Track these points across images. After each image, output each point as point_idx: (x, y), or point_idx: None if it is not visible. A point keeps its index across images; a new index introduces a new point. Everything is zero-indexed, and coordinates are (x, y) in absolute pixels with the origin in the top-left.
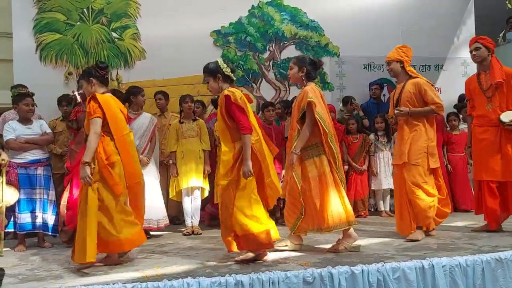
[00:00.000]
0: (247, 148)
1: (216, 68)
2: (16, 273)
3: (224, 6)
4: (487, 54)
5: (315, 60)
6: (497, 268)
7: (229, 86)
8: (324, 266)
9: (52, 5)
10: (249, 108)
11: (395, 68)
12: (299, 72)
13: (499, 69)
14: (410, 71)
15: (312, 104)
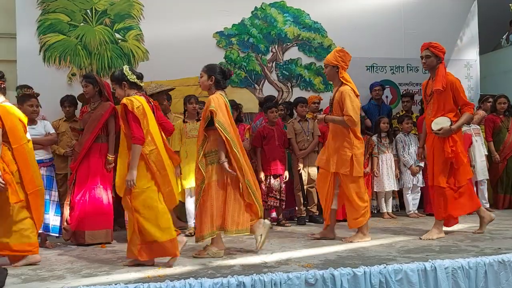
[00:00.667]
0: (134, 158)
1: (121, 75)
2: (19, 273)
3: (227, 7)
4: (436, 62)
5: (224, 69)
6: (500, 270)
7: (137, 93)
8: (326, 267)
9: (56, 6)
10: (151, 116)
11: (330, 73)
12: (208, 80)
13: (442, 77)
14: (343, 77)
15: (213, 113)
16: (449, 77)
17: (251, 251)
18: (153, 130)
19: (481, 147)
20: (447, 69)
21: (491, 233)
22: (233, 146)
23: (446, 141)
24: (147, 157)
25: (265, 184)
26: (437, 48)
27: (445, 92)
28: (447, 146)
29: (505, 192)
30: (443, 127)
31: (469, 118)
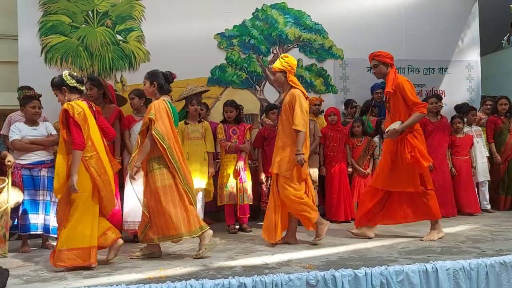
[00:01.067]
0: (75, 163)
1: (61, 81)
2: (20, 274)
3: (228, 9)
4: (386, 68)
5: (166, 73)
6: (502, 271)
7: (78, 97)
8: (327, 268)
9: (58, 7)
10: (92, 122)
11: (279, 79)
12: (151, 86)
13: (392, 80)
14: (292, 81)
15: (151, 121)
16: (398, 79)
17: (253, 252)
18: (94, 135)
19: (483, 149)
20: (448, 70)
21: (492, 234)
22: (169, 154)
23: (404, 147)
24: (87, 162)
25: (266, 185)
26: (382, 55)
27: (395, 95)
28: (405, 152)
29: (506, 193)
30: (389, 129)
31: (419, 117)
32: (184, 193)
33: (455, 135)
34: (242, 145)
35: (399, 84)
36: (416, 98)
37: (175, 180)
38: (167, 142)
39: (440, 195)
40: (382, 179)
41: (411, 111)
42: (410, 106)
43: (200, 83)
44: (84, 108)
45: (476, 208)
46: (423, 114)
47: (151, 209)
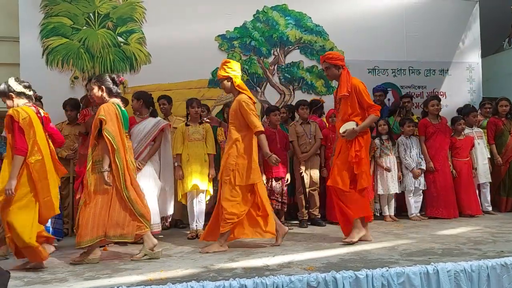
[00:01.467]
0: (14, 168)
1: (7, 88)
2: (21, 276)
3: (229, 11)
4: (337, 70)
5: (113, 76)
6: (503, 273)
7: (26, 103)
8: (328, 270)
9: (59, 10)
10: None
11: (226, 86)
12: (99, 90)
13: (346, 82)
14: (238, 86)
15: (102, 122)
16: (353, 81)
17: (253, 254)
18: (40, 141)
19: (484, 150)
20: (449, 72)
21: (493, 236)
22: (116, 156)
23: (352, 145)
24: (32, 167)
25: (267, 187)
26: (332, 58)
27: (350, 97)
28: (352, 150)
29: (507, 195)
30: (347, 129)
31: (374, 119)
32: (123, 197)
33: (456, 137)
34: None
35: (355, 86)
36: (370, 100)
37: (115, 184)
38: (117, 143)
39: (441, 196)
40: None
41: (367, 113)
42: (365, 108)
43: (201, 84)
44: (30, 114)
45: (477, 209)
46: (377, 116)
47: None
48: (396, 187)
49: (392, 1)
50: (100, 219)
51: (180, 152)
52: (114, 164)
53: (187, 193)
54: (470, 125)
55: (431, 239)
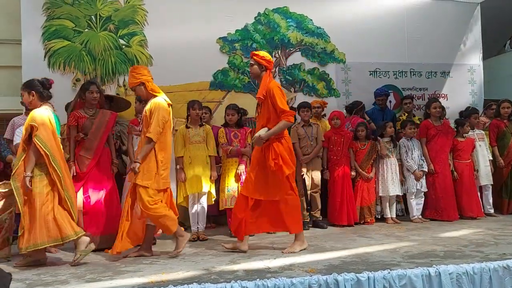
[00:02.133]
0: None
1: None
2: (23, 278)
3: (231, 13)
4: (260, 70)
5: (43, 80)
6: (505, 276)
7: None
8: (330, 273)
9: (61, 12)
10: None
11: (140, 92)
12: (30, 96)
13: (264, 85)
14: (152, 90)
15: (33, 128)
16: (269, 84)
17: (255, 256)
18: None
19: (485, 152)
20: (450, 74)
21: (495, 238)
22: (51, 160)
23: (269, 155)
24: None
25: None
26: (259, 55)
27: (266, 101)
28: (269, 159)
29: (509, 197)
30: (255, 136)
31: (285, 126)
32: (63, 201)
33: (457, 139)
34: (244, 149)
35: (270, 89)
36: (284, 105)
37: (55, 187)
38: (49, 149)
39: (441, 199)
40: (251, 187)
41: (280, 118)
42: (278, 113)
43: (202, 87)
44: None
45: (479, 212)
46: (290, 123)
47: (26, 215)
48: (396, 189)
49: (393, 3)
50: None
51: (181, 155)
52: (52, 169)
53: (188, 195)
54: (472, 127)
55: (433, 241)
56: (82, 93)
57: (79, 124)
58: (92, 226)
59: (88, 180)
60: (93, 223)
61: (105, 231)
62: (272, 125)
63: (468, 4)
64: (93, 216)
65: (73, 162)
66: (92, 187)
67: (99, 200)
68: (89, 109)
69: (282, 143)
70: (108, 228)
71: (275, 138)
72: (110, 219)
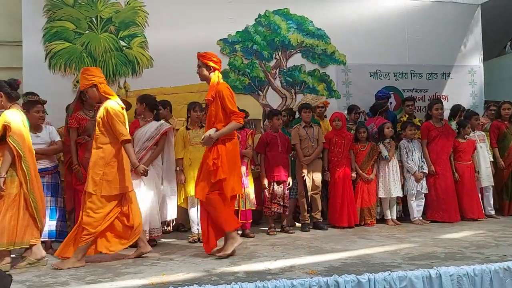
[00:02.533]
0: None
1: None
2: (23, 280)
3: (231, 15)
4: (207, 71)
5: (10, 81)
6: (506, 277)
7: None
8: (330, 274)
9: (62, 14)
10: None
11: (92, 95)
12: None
13: (212, 86)
14: (104, 92)
15: (7, 129)
16: (219, 86)
17: (255, 257)
18: None
19: (486, 154)
20: (450, 75)
21: (496, 240)
22: (22, 162)
23: (211, 153)
24: None
25: (269, 190)
26: (205, 56)
27: (215, 102)
28: (210, 158)
29: (510, 198)
30: (204, 136)
31: (234, 127)
32: (28, 204)
33: (458, 140)
34: (244, 150)
35: (219, 90)
36: (234, 106)
37: (21, 189)
38: (22, 149)
39: (442, 200)
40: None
41: (230, 119)
42: (228, 114)
43: (202, 88)
44: None
45: (480, 213)
46: (240, 124)
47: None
48: (398, 190)
49: (393, 5)
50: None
51: (181, 157)
52: (21, 170)
53: (188, 197)
54: (472, 129)
55: (433, 243)
56: (82, 94)
57: (80, 126)
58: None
59: None
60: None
61: None
62: (221, 127)
63: (469, 6)
64: None
65: (78, 165)
66: None
67: None
68: (89, 110)
69: (226, 145)
70: None
71: (220, 139)
72: None
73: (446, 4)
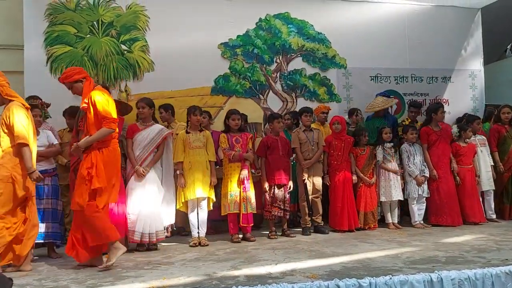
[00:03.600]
0: None
1: None
2: (24, 283)
3: (232, 19)
4: (81, 84)
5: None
6: (507, 281)
7: None
8: (332, 278)
9: (63, 18)
10: None
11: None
12: None
13: (86, 94)
14: (7, 95)
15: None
16: (91, 93)
17: (256, 261)
18: None
19: (487, 158)
20: (451, 79)
21: (498, 243)
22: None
23: (85, 161)
24: None
25: (269, 194)
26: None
27: (88, 109)
28: (83, 167)
29: (510, 202)
30: (74, 145)
31: (104, 133)
32: None
33: (459, 144)
34: (246, 153)
35: (91, 97)
36: (107, 113)
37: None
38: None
39: (445, 204)
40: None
41: (102, 125)
42: (101, 121)
43: (203, 92)
44: None
45: (481, 217)
46: (111, 130)
47: None
48: (399, 194)
49: (394, 9)
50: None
51: (181, 160)
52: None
53: (187, 201)
54: (474, 132)
55: (434, 247)
56: None
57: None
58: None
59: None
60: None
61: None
62: (93, 133)
63: (469, 10)
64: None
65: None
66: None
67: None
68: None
69: (103, 152)
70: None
71: (96, 146)
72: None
73: (447, 8)
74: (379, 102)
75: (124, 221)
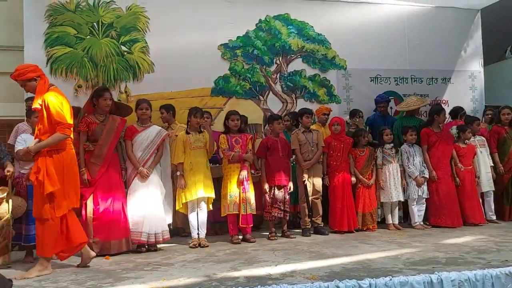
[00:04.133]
0: None
1: None
2: (23, 285)
3: (232, 20)
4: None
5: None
6: (507, 282)
7: None
8: (331, 279)
9: (63, 19)
10: None
11: None
12: None
13: (39, 94)
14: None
15: None
16: (45, 94)
17: (256, 263)
18: None
19: (486, 159)
20: (451, 80)
21: (498, 245)
22: None
23: (33, 167)
24: None
25: (269, 195)
26: (21, 74)
27: (41, 111)
28: (32, 173)
29: (510, 203)
30: (23, 149)
31: (59, 138)
32: None
33: (459, 145)
34: (246, 154)
35: (44, 99)
36: (60, 117)
37: None
38: None
39: (445, 205)
40: None
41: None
42: (53, 125)
43: (203, 93)
44: None
45: (481, 218)
46: (65, 135)
47: None
48: (399, 195)
49: (393, 10)
50: None
51: (182, 161)
52: None
53: (187, 202)
54: (473, 133)
55: (434, 248)
56: (95, 98)
57: (89, 130)
58: (101, 233)
59: (98, 187)
60: (100, 229)
61: (107, 238)
62: (46, 138)
63: (469, 11)
64: (101, 222)
65: (85, 169)
66: (101, 194)
67: (108, 207)
68: (100, 115)
69: (52, 157)
70: (111, 234)
71: (45, 151)
72: (116, 226)
73: (446, 9)
74: (413, 101)
75: (124, 221)
